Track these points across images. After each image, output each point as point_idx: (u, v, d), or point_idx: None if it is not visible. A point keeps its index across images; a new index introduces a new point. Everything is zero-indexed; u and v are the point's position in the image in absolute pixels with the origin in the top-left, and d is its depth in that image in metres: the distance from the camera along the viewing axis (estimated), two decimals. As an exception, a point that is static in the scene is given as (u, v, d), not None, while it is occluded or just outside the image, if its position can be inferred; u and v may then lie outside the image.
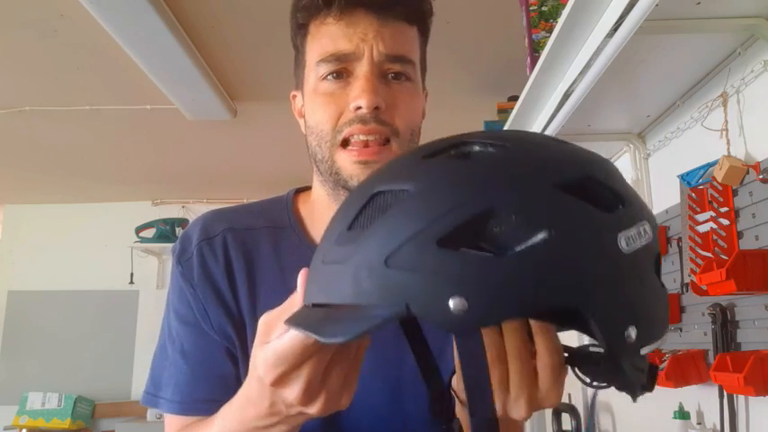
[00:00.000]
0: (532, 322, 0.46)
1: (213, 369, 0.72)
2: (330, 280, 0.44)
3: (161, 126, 2.79)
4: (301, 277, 0.48)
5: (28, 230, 4.20)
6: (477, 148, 0.45)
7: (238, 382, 0.70)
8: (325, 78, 0.68)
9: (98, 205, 4.19)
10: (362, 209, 0.44)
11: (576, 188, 0.41)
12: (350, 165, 0.67)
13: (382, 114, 0.67)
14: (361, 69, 0.67)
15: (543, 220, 0.39)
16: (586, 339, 0.49)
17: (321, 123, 0.69)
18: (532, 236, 0.39)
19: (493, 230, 0.39)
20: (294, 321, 0.45)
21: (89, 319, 4.03)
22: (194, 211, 4.19)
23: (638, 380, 0.44)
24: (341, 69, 0.68)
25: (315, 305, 0.45)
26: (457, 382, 0.54)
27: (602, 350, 0.44)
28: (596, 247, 0.40)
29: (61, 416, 3.66)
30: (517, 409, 0.47)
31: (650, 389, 0.46)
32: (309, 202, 0.79)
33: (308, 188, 0.81)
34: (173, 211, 4.15)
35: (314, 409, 0.49)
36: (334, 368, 0.48)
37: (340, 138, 0.67)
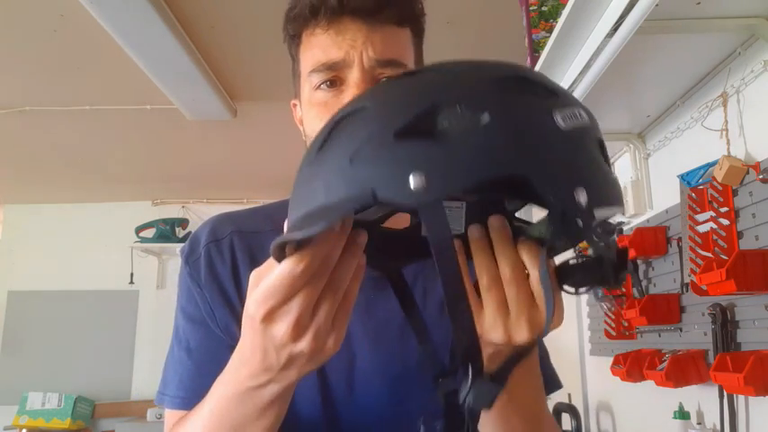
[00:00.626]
0: (520, 243, 0.51)
1: (218, 366, 0.72)
2: (306, 195, 0.48)
3: (161, 126, 2.79)
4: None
5: (28, 230, 4.20)
6: (415, 74, 0.51)
7: None
8: (318, 88, 0.69)
9: (98, 205, 4.19)
10: (329, 134, 0.49)
11: (512, 82, 0.47)
12: None
13: None
14: (353, 77, 0.67)
15: (485, 105, 0.44)
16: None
17: (316, 132, 0.69)
18: (474, 121, 0.44)
19: (443, 123, 0.44)
20: (279, 237, 0.48)
21: (89, 319, 4.03)
22: (194, 211, 4.19)
23: (607, 256, 0.48)
24: (333, 78, 0.68)
25: None
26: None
27: (581, 260, 0.51)
28: (535, 121, 0.45)
29: (61, 416, 3.66)
30: (520, 332, 0.50)
31: (624, 269, 0.49)
32: None
33: None
34: (173, 211, 4.15)
35: (302, 345, 0.49)
36: (322, 304, 0.49)
37: None
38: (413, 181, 0.42)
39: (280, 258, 0.48)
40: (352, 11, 0.67)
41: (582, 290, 0.52)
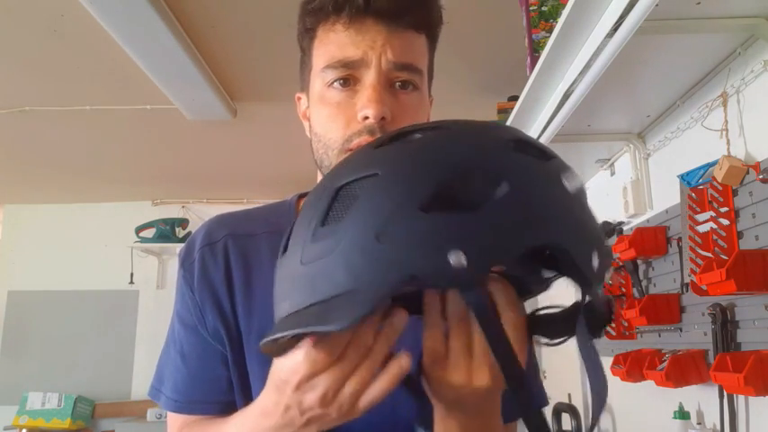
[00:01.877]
0: (496, 287, 0.50)
1: (208, 372, 0.74)
2: (316, 277, 0.44)
3: (161, 126, 2.79)
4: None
5: (28, 230, 4.20)
6: (417, 135, 0.48)
7: (231, 386, 0.73)
8: (331, 85, 0.68)
9: (98, 205, 4.19)
10: (331, 204, 0.45)
11: (517, 145, 0.47)
12: None
13: (389, 125, 0.66)
14: (369, 78, 0.66)
15: (503, 173, 0.44)
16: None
17: (329, 132, 0.68)
18: (496, 188, 0.43)
19: (463, 190, 0.43)
20: (286, 326, 0.45)
21: (89, 319, 4.03)
22: (194, 211, 4.19)
23: (603, 314, 0.48)
24: (347, 76, 0.67)
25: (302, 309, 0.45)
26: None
27: (555, 311, 0.51)
28: (553, 189, 0.46)
29: (61, 416, 3.66)
30: (481, 376, 0.50)
31: (610, 321, 0.50)
32: None
33: None
34: (173, 211, 4.15)
35: (326, 411, 0.50)
36: (351, 381, 0.48)
37: (348, 146, 0.67)
38: (452, 258, 0.40)
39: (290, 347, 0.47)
40: (376, 12, 0.66)
41: (560, 339, 0.52)
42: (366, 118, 0.65)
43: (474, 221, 0.41)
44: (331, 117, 0.68)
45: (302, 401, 0.50)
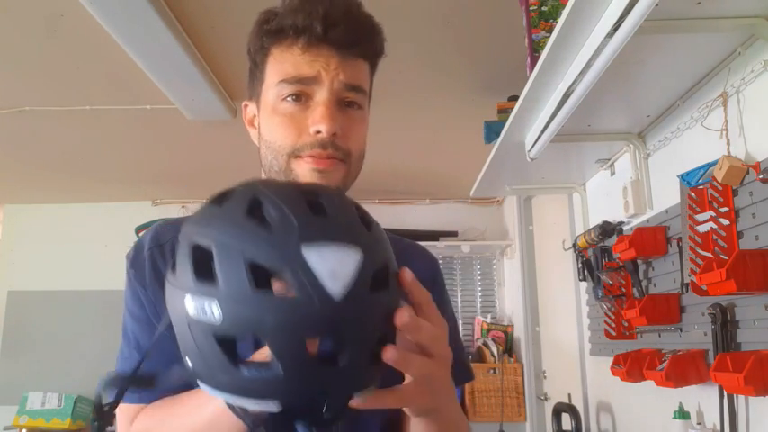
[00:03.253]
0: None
1: (161, 347, 0.76)
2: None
3: (161, 126, 2.79)
4: None
5: (28, 230, 4.20)
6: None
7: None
8: (285, 99, 0.74)
9: (98, 205, 4.19)
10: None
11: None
12: (308, 172, 0.73)
13: (338, 140, 0.73)
14: (322, 96, 0.73)
15: None
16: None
17: (280, 140, 0.75)
18: None
19: None
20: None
21: (89, 319, 4.02)
22: (194, 211, 4.18)
23: None
24: (300, 92, 0.74)
25: None
26: None
27: None
28: None
29: (61, 416, 3.66)
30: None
31: None
32: None
33: None
34: (173, 211, 4.15)
35: None
36: None
37: (298, 154, 0.74)
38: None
39: None
40: (331, 41, 0.73)
41: None
42: (318, 132, 0.72)
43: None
44: (283, 126, 0.74)
45: None
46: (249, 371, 0.48)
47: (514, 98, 1.71)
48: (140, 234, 3.82)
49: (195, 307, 0.49)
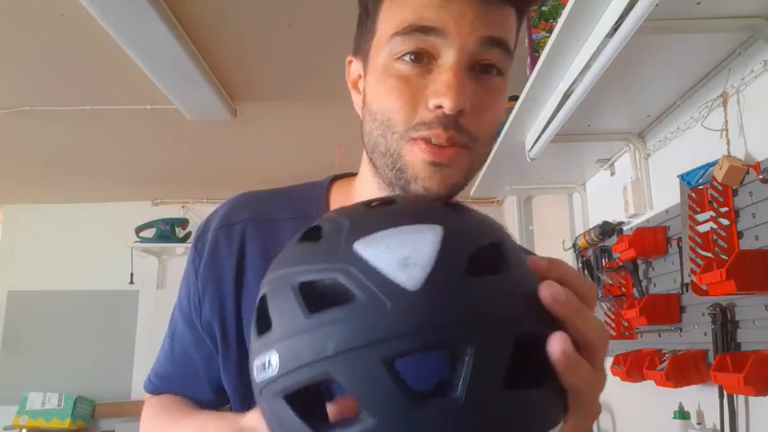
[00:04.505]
0: None
1: (189, 367, 0.72)
2: None
3: (161, 126, 2.79)
4: None
5: (28, 230, 4.20)
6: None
7: (211, 388, 0.71)
8: (400, 58, 0.54)
9: (98, 205, 4.19)
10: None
11: None
12: (420, 164, 0.54)
13: (465, 119, 0.53)
14: (449, 57, 0.53)
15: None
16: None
17: (390, 112, 0.55)
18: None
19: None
20: None
21: (89, 319, 4.03)
22: (194, 211, 4.19)
23: None
24: (421, 50, 0.53)
25: None
26: None
27: None
28: None
29: (61, 416, 3.66)
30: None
31: None
32: (348, 192, 0.69)
33: (349, 175, 0.72)
34: (173, 211, 4.15)
35: None
36: None
37: (413, 135, 0.54)
38: None
39: None
40: None
41: None
42: (439, 107, 0.52)
43: None
44: (395, 94, 0.54)
45: None
46: None
47: (514, 98, 1.71)
48: (141, 234, 3.85)
49: (256, 367, 0.38)
